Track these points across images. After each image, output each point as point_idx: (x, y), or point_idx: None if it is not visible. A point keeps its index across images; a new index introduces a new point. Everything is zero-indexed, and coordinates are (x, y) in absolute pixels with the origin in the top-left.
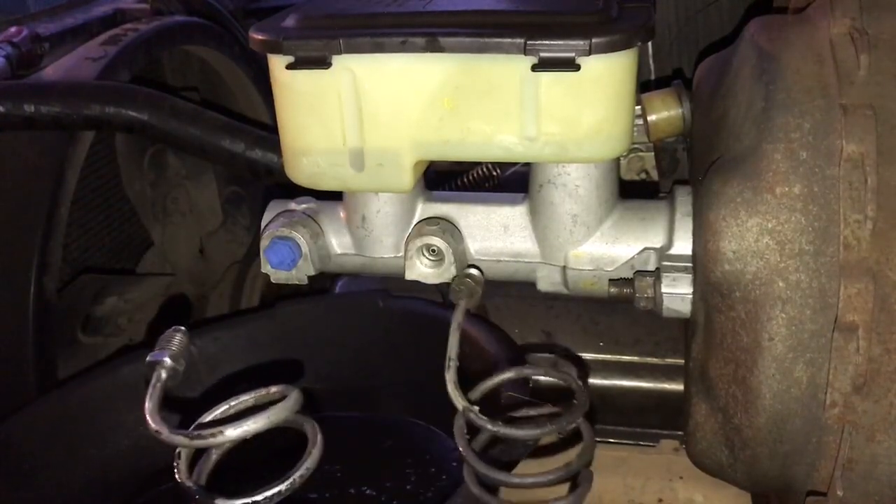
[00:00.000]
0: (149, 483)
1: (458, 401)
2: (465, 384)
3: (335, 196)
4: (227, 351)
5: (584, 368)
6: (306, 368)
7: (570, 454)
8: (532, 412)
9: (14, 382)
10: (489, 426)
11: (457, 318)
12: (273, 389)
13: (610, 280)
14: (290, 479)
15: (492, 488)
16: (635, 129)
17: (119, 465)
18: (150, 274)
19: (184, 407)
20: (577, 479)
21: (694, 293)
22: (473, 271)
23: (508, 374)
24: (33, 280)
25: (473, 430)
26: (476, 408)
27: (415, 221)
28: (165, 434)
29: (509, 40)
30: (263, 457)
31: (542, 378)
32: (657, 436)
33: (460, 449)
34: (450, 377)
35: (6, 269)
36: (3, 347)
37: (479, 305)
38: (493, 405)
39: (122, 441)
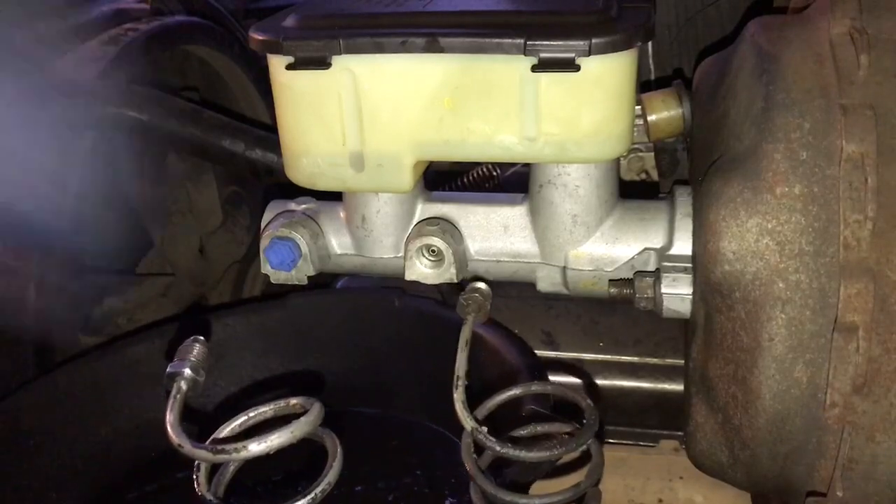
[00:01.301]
0: (151, 464)
1: (467, 421)
2: (484, 392)
3: (335, 196)
4: (236, 339)
5: (591, 379)
6: (315, 361)
7: (580, 473)
8: (543, 427)
9: (14, 383)
10: (497, 448)
11: (465, 335)
12: (293, 402)
13: (610, 280)
14: (312, 494)
15: None
16: (635, 129)
17: (122, 445)
18: (150, 274)
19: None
20: (584, 499)
21: (694, 293)
22: (481, 285)
23: (517, 391)
24: (33, 280)
25: (481, 448)
26: (484, 429)
27: (415, 222)
28: (188, 448)
29: (509, 40)
30: (274, 465)
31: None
32: (657, 436)
33: (468, 468)
34: (458, 396)
35: (6, 269)
36: (3, 348)
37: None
38: (513, 416)
39: (126, 421)
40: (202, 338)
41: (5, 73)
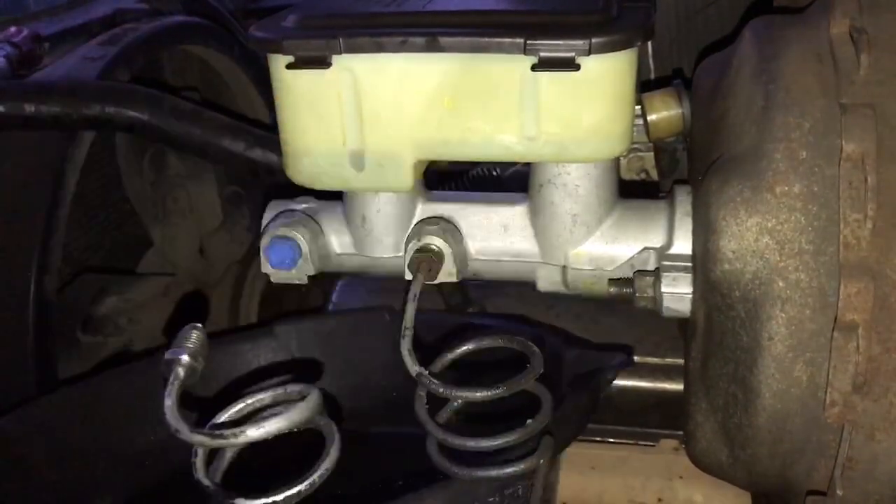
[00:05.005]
0: (170, 481)
1: (412, 367)
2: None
3: (335, 196)
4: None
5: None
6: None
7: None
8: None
9: (14, 382)
10: (441, 389)
11: (413, 290)
12: (291, 388)
13: (610, 280)
14: (310, 480)
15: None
16: (635, 129)
17: (159, 454)
18: (150, 274)
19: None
20: (537, 447)
21: (694, 293)
22: (434, 245)
23: (469, 346)
24: (33, 280)
25: (441, 403)
26: (426, 371)
27: (415, 221)
28: (185, 433)
29: (509, 40)
30: (270, 453)
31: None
32: (657, 436)
33: (419, 417)
34: (405, 344)
35: (6, 269)
36: (3, 347)
37: (478, 306)
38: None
39: (151, 436)
40: (200, 325)
41: None
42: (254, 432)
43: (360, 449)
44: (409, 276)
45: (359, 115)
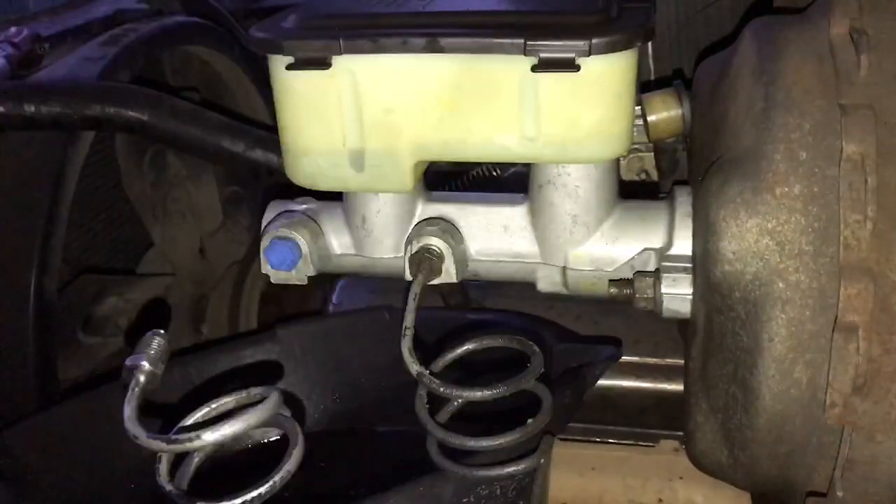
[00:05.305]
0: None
1: (413, 366)
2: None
3: (335, 196)
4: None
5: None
6: (315, 388)
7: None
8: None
9: (14, 382)
10: (442, 389)
11: (413, 291)
12: (254, 391)
13: (610, 280)
14: (271, 482)
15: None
16: (635, 129)
17: (128, 481)
18: (150, 274)
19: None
20: (537, 447)
21: (694, 294)
22: (434, 245)
23: (469, 346)
24: (33, 280)
25: (441, 403)
26: (427, 371)
27: (415, 222)
28: (143, 439)
29: (509, 41)
30: (259, 460)
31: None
32: (657, 436)
33: (419, 417)
34: (405, 344)
35: (6, 269)
36: (3, 347)
37: (479, 307)
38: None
39: (130, 457)
40: (162, 331)
41: None
42: (209, 436)
43: (361, 448)
44: (409, 277)
45: (359, 115)
